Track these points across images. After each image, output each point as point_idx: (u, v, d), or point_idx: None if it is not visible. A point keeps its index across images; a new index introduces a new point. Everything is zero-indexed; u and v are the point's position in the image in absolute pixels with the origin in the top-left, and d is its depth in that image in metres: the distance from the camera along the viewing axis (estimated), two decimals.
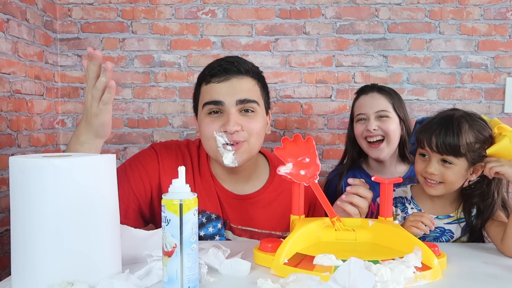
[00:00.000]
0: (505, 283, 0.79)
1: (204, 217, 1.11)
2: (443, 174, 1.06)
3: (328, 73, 1.88)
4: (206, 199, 1.11)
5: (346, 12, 1.86)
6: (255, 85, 1.07)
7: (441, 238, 1.13)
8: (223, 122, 1.02)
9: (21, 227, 0.69)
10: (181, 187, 0.70)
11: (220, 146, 1.02)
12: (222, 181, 1.13)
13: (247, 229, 1.12)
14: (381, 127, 1.43)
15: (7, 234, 1.45)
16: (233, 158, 1.02)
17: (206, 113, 1.05)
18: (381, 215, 0.96)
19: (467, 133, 1.04)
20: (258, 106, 1.06)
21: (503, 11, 1.86)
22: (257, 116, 1.06)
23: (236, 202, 1.12)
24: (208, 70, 1.07)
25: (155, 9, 1.85)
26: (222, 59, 1.09)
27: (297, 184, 0.95)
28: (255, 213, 1.12)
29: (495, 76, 1.88)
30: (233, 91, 1.03)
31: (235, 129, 1.01)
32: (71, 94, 1.86)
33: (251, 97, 1.04)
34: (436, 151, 1.05)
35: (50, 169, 0.68)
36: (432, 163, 1.07)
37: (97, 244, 0.73)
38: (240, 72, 1.04)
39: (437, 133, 1.05)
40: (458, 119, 1.06)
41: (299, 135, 0.97)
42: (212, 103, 1.04)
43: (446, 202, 1.15)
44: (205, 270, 0.76)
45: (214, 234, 1.11)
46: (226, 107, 1.03)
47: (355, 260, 0.69)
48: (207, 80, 1.06)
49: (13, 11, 1.50)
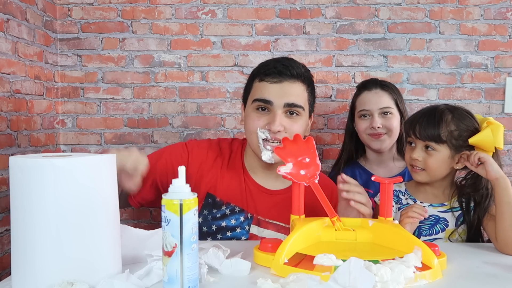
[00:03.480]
0: (505, 283, 0.80)
1: (228, 209, 1.17)
2: (425, 161, 1.13)
3: (328, 73, 1.88)
4: (232, 192, 1.18)
5: (346, 12, 1.86)
6: (304, 91, 1.14)
7: (436, 227, 1.15)
8: (269, 120, 1.10)
9: (21, 227, 0.69)
10: (181, 187, 0.70)
11: (261, 143, 1.11)
12: (255, 175, 1.21)
13: (274, 223, 1.18)
14: (384, 124, 1.45)
15: (7, 234, 1.45)
16: (271, 156, 1.10)
17: (254, 108, 1.13)
18: (381, 215, 0.96)
19: (448, 122, 1.12)
20: (303, 110, 1.13)
21: (503, 11, 1.86)
22: (300, 120, 1.13)
23: (266, 196, 1.19)
24: (264, 69, 1.14)
25: (155, 9, 1.85)
26: (278, 60, 1.16)
27: (297, 184, 0.95)
28: (283, 208, 1.16)
29: (495, 76, 1.88)
30: (283, 93, 1.10)
31: (278, 129, 1.09)
32: (71, 94, 1.86)
33: (299, 102, 1.11)
34: (419, 137, 1.13)
35: (50, 169, 0.68)
36: (416, 149, 1.15)
37: (97, 244, 0.73)
38: (293, 76, 1.11)
39: (420, 121, 1.14)
40: (441, 109, 1.15)
41: (299, 135, 0.97)
42: (262, 101, 1.11)
43: (438, 191, 1.19)
44: (205, 270, 0.76)
45: (236, 226, 1.17)
46: (274, 107, 1.10)
47: (355, 260, 0.69)
48: (261, 78, 1.13)
49: (13, 11, 1.50)
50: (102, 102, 1.87)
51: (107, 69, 1.86)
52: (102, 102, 1.87)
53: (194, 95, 1.87)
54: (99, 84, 1.86)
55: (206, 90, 1.87)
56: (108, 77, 1.86)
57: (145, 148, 1.87)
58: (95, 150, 1.88)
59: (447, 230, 1.14)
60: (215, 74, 1.86)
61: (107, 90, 1.86)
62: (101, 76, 1.86)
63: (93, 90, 1.86)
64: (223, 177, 1.19)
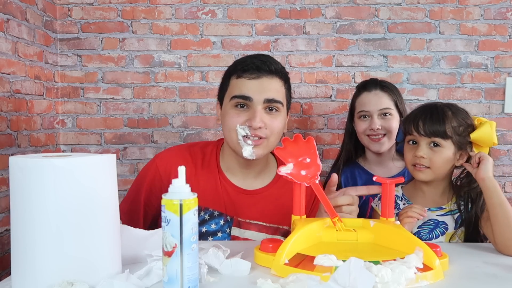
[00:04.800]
0: (505, 283, 0.79)
1: (207, 214, 1.14)
2: (431, 158, 1.11)
3: (328, 73, 1.88)
4: (210, 196, 1.14)
5: (346, 12, 1.86)
6: (282, 86, 1.13)
7: (436, 231, 1.14)
8: (249, 117, 1.08)
9: (21, 227, 0.69)
10: (181, 187, 0.70)
11: (241, 139, 1.08)
12: (232, 176, 1.18)
13: (256, 223, 1.16)
14: (384, 126, 1.44)
15: (7, 234, 1.45)
16: (252, 152, 1.08)
17: (233, 105, 1.11)
18: (382, 216, 0.96)
19: (451, 118, 1.11)
20: (282, 106, 1.12)
21: (503, 11, 1.86)
22: (280, 116, 1.12)
23: (245, 197, 1.17)
24: (241, 65, 1.12)
25: (155, 9, 1.85)
26: (254, 57, 1.15)
27: (298, 185, 0.95)
28: (263, 207, 1.16)
29: (495, 76, 1.88)
30: (262, 89, 1.09)
31: (259, 126, 1.07)
32: (71, 94, 1.86)
33: (278, 98, 1.10)
34: (424, 134, 1.11)
35: (50, 169, 0.68)
36: (421, 147, 1.12)
37: (97, 244, 0.73)
38: (271, 71, 1.10)
39: (423, 118, 1.12)
40: (441, 106, 1.14)
41: (299, 135, 0.97)
42: (241, 97, 1.09)
43: (436, 194, 1.17)
44: (205, 270, 0.76)
45: (217, 231, 1.15)
46: (253, 103, 1.08)
47: (355, 260, 0.69)
48: (238, 75, 1.11)
49: (13, 11, 1.50)
50: (102, 102, 1.87)
51: (107, 69, 1.86)
52: (102, 102, 1.87)
53: (194, 95, 1.87)
54: (99, 84, 1.86)
55: (206, 90, 1.87)
56: (108, 77, 1.86)
57: (145, 148, 1.87)
58: (95, 150, 1.88)
59: (447, 233, 1.13)
60: (215, 74, 1.86)
61: (107, 90, 1.86)
62: (101, 76, 1.86)
63: (93, 90, 1.86)
64: (198, 183, 1.14)
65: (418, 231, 1.14)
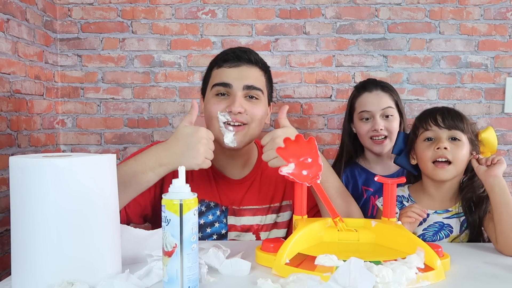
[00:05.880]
0: (505, 283, 0.79)
1: (203, 206, 1.17)
2: (453, 152, 1.09)
3: (328, 73, 1.88)
4: (204, 188, 1.17)
5: (346, 12, 1.86)
6: (262, 76, 1.15)
7: (440, 233, 1.13)
8: (229, 103, 1.09)
9: (21, 227, 0.69)
10: (181, 187, 0.70)
11: (222, 126, 1.09)
12: (221, 168, 1.20)
13: (249, 208, 1.19)
14: (386, 127, 1.44)
15: (7, 234, 1.45)
16: (233, 139, 1.09)
17: (214, 94, 1.13)
18: (384, 216, 0.96)
19: (464, 117, 1.13)
20: (262, 94, 1.14)
21: (503, 11, 1.86)
22: (260, 103, 1.13)
23: (236, 186, 1.20)
24: (222, 55, 1.16)
25: (155, 9, 1.84)
26: (235, 48, 1.17)
27: (300, 185, 0.94)
28: (254, 191, 1.20)
29: (495, 76, 1.88)
30: (241, 76, 1.11)
31: (239, 110, 1.08)
32: (71, 94, 1.86)
33: (257, 85, 1.12)
34: (445, 126, 1.11)
35: (50, 169, 0.68)
36: (442, 140, 1.10)
37: (97, 244, 0.72)
38: (251, 61, 1.13)
39: (440, 112, 1.13)
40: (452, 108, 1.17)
41: (301, 135, 0.96)
42: (221, 85, 1.11)
43: (445, 196, 1.16)
44: (205, 270, 0.76)
45: (214, 221, 1.18)
46: (233, 90, 1.10)
47: (355, 260, 0.69)
48: (219, 65, 1.14)
49: (13, 11, 1.50)
50: (102, 102, 1.87)
51: (107, 69, 1.86)
52: (102, 102, 1.87)
53: (194, 95, 1.86)
54: (99, 84, 1.86)
55: None
56: (108, 77, 1.86)
57: None
58: (95, 150, 1.88)
59: (451, 236, 1.13)
60: None
61: (107, 90, 1.86)
62: (101, 76, 1.86)
63: (93, 90, 1.86)
64: (192, 176, 1.17)
65: (423, 233, 1.13)
